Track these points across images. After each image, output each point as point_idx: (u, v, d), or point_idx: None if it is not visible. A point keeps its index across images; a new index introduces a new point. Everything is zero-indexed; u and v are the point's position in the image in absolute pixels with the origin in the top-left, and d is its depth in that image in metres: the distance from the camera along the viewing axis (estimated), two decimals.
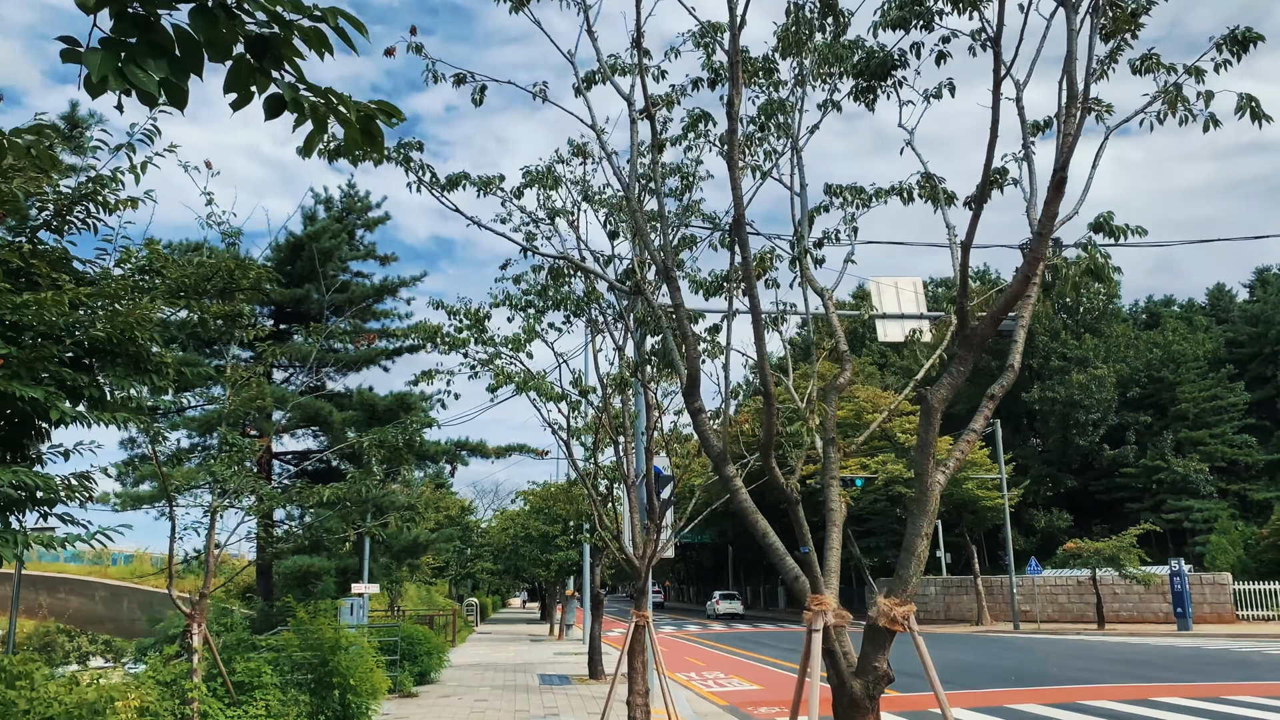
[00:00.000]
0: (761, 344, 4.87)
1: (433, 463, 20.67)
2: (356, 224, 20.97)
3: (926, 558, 4.97)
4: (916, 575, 4.90)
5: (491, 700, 15.55)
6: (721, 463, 5.54)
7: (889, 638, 4.82)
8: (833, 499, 5.53)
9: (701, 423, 5.73)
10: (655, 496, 12.76)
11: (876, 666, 4.78)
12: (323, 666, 10.75)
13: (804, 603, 5.10)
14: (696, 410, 5.74)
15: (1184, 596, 34.24)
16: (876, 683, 4.79)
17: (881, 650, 4.83)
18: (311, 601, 11.52)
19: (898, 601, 4.69)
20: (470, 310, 12.28)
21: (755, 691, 17.34)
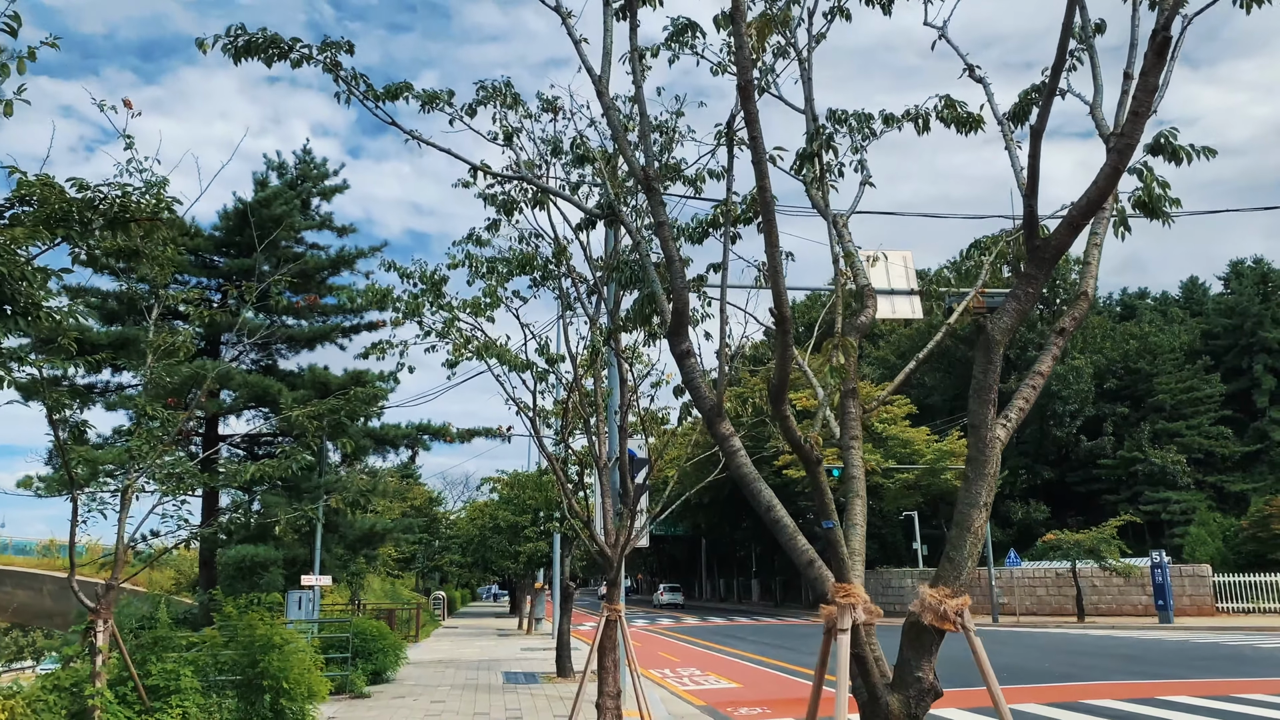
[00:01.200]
0: (775, 250, 3.74)
1: (392, 448, 19.42)
2: (312, 191, 19.54)
3: (984, 536, 3.90)
4: (972, 559, 3.81)
5: (449, 701, 14.37)
6: (716, 418, 4.42)
7: (936, 639, 3.73)
8: (854, 463, 4.43)
9: (690, 369, 4.61)
10: (629, 480, 11.65)
11: (920, 677, 3.69)
12: (252, 668, 9.52)
13: (822, 593, 3.99)
14: (684, 354, 4.62)
15: (1165, 589, 33.67)
16: (920, 698, 3.69)
17: (926, 655, 3.73)
18: (243, 595, 10.28)
19: (948, 592, 3.59)
20: (426, 273, 11.09)
21: (734, 690, 16.28)
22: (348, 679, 15.01)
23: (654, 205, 4.79)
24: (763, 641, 27.95)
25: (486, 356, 10.15)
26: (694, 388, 4.61)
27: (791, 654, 23.18)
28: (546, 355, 10.25)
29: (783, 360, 3.89)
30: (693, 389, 4.62)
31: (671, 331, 4.69)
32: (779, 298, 3.73)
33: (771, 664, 20.67)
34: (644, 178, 4.76)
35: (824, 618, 3.90)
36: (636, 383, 10.31)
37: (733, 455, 4.35)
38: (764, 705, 14.34)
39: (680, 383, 8.26)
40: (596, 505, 14.70)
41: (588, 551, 18.84)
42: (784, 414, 3.96)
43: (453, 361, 12.03)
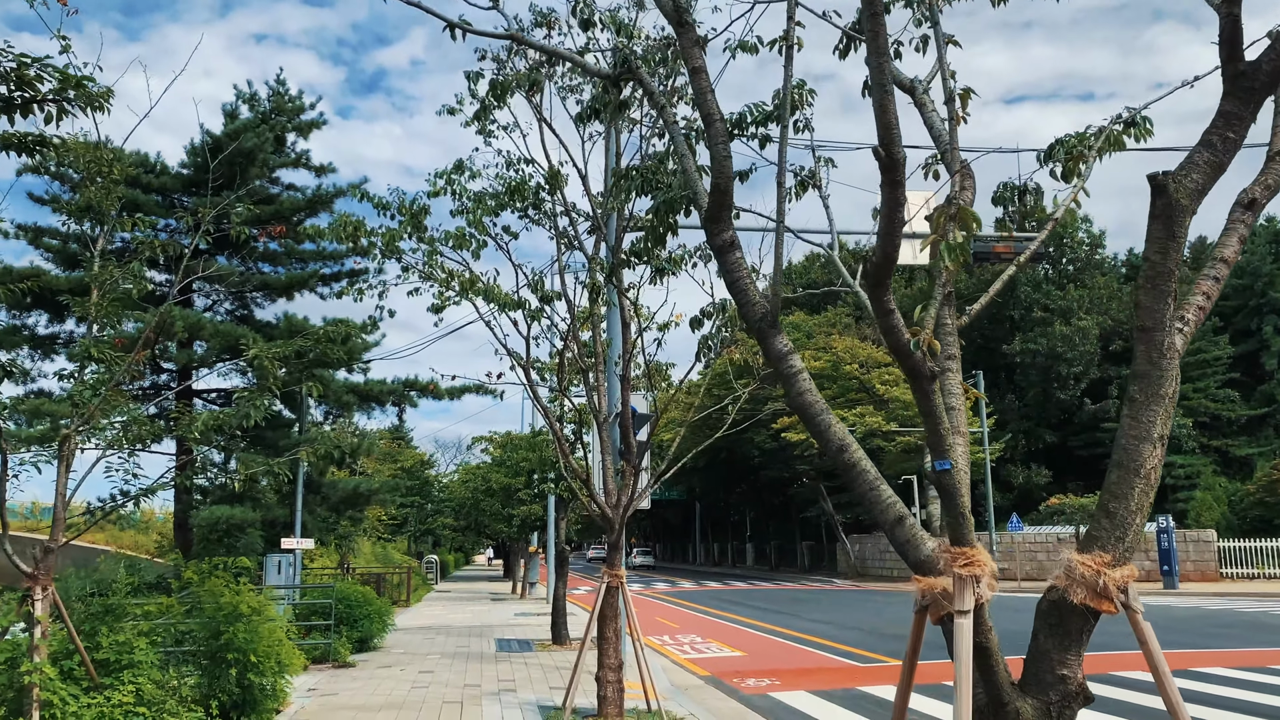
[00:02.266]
0: (883, 61, 2.68)
1: (378, 404, 18.40)
2: (287, 126, 18.29)
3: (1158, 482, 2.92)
4: (1142, 513, 2.84)
5: (438, 671, 13.49)
6: (769, 329, 3.43)
7: (1088, 624, 2.76)
8: (954, 390, 3.46)
9: (735, 265, 3.61)
10: (632, 436, 10.68)
11: (1066, 676, 2.75)
12: (215, 639, 8.57)
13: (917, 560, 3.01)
14: (726, 246, 3.61)
15: (1171, 554, 33.02)
16: (1065, 704, 2.74)
17: (1074, 646, 2.79)
18: (214, 559, 9.31)
19: (1107, 559, 2.62)
20: (405, 204, 10.02)
21: (739, 659, 15.45)
22: (331, 647, 14.14)
23: (686, 48, 3.74)
24: (762, 607, 27.21)
25: (472, 295, 9.11)
26: (740, 290, 3.60)
27: (793, 620, 22.40)
28: (541, 292, 9.19)
29: (892, 222, 2.83)
30: (738, 291, 3.61)
31: (710, 216, 3.67)
32: (887, 130, 2.70)
33: (775, 630, 19.87)
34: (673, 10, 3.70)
35: (920, 592, 2.94)
36: (643, 326, 9.29)
37: (792, 379, 3.36)
38: (771, 675, 13.50)
39: (698, 315, 7.27)
40: (595, 464, 13.75)
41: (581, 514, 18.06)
42: (888, 305, 2.94)
43: (438, 306, 10.99)
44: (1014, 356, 47.09)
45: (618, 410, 12.59)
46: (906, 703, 3.57)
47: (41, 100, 5.23)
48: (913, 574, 3.13)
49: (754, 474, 58.19)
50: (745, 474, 59.78)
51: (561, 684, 12.31)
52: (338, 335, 8.26)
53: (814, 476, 50.85)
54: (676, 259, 8.91)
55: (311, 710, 10.31)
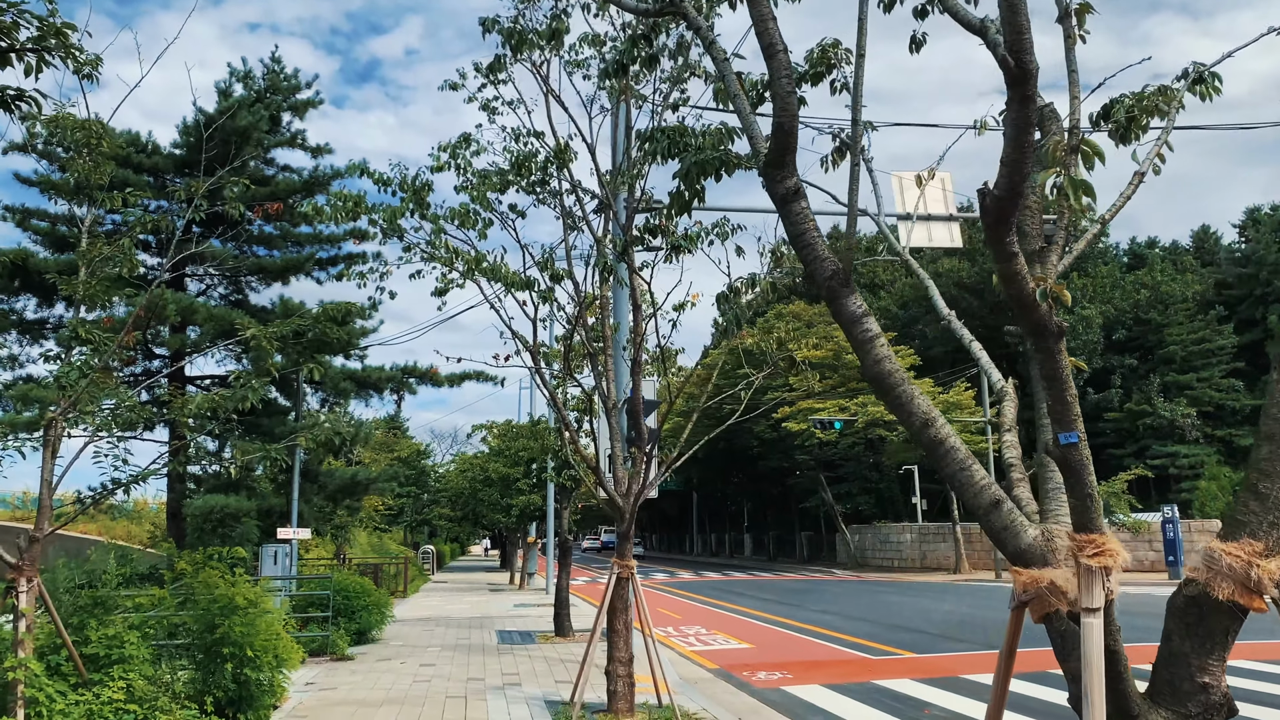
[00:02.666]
0: None
1: (376, 392, 17.98)
2: (282, 105, 17.78)
3: None
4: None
5: (440, 665, 13.12)
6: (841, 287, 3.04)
7: (1233, 623, 2.39)
8: None
9: (800, 215, 3.21)
10: (642, 422, 10.30)
11: (1208, 685, 2.36)
12: (209, 633, 8.18)
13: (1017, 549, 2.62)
14: (790, 194, 3.21)
15: (1176, 544, 32.77)
16: (1206, 716, 2.35)
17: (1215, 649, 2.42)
18: (206, 549, 8.91)
19: (1258, 549, 2.24)
20: (407, 179, 9.60)
21: (747, 652, 15.10)
22: (329, 640, 13.76)
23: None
24: (764, 598, 26.90)
25: (478, 275, 8.71)
26: (806, 244, 3.21)
27: (799, 611, 22.08)
28: (551, 270, 8.78)
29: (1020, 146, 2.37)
30: (804, 246, 3.22)
31: (771, 161, 3.26)
32: (1018, 35, 2.28)
33: (781, 622, 19.54)
34: None
35: (1020, 586, 2.55)
36: (656, 307, 8.89)
37: (867, 346, 2.98)
38: (782, 668, 13.15)
39: (726, 290, 6.87)
40: (603, 451, 13.38)
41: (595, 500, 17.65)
42: (1010, 248, 2.52)
43: (441, 289, 10.60)
44: (1016, 345, 46.74)
45: (627, 395, 12.21)
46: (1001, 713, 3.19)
47: (20, 49, 4.80)
48: (1010, 565, 2.75)
49: (752, 464, 57.87)
50: (744, 464, 59.45)
51: (567, 677, 11.96)
52: (337, 313, 7.86)
53: (814, 466, 50.55)
54: (692, 236, 8.51)
55: (310, 706, 9.94)
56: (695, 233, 8.57)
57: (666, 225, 8.52)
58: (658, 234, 8.57)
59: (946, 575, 39.23)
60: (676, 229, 8.55)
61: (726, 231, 8.59)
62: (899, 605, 23.44)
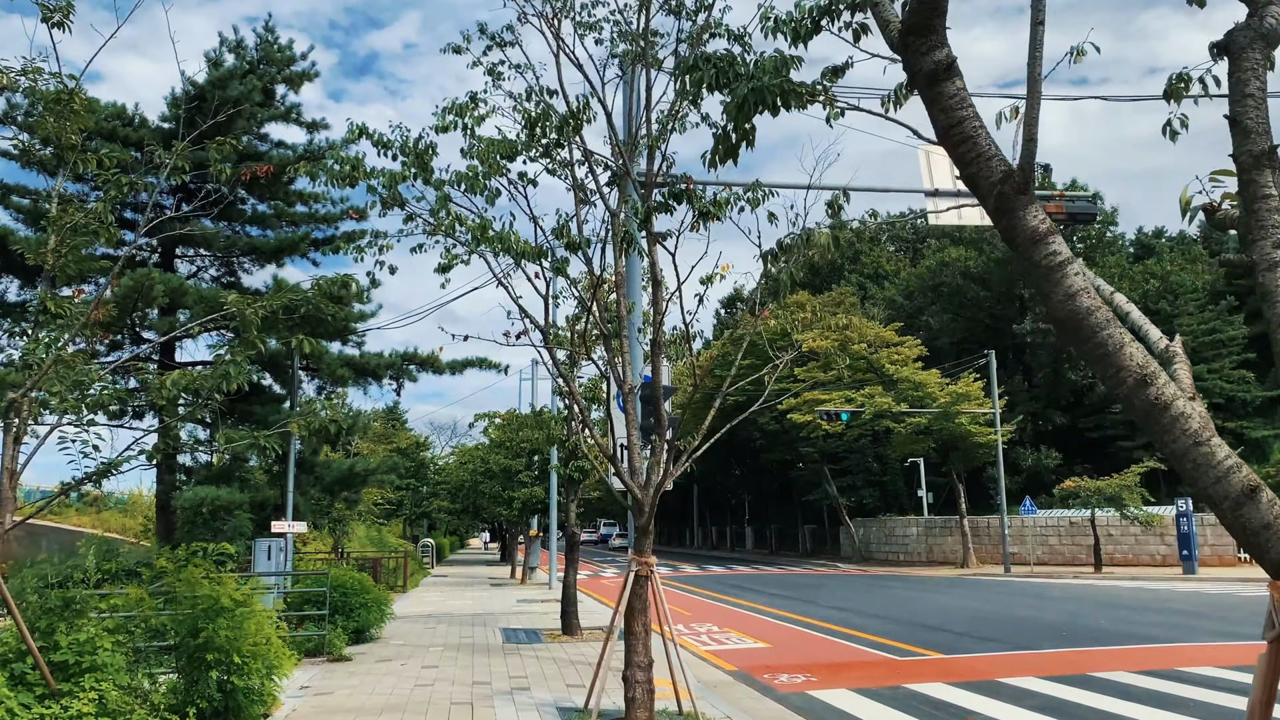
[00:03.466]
0: None
1: (375, 379, 17.22)
2: (276, 77, 16.93)
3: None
4: None
5: (443, 666, 12.39)
6: (1019, 195, 2.29)
7: None
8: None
9: (957, 100, 2.47)
10: (662, 409, 9.57)
11: None
12: (192, 637, 7.43)
13: None
14: (939, 72, 2.45)
15: (1190, 538, 32.12)
16: None
17: None
18: (184, 544, 8.16)
19: None
20: (409, 143, 8.84)
21: (764, 651, 14.39)
22: (325, 639, 13.04)
23: None
24: (772, 593, 26.19)
25: (485, 245, 7.95)
26: (964, 136, 2.48)
27: (811, 607, 21.38)
28: (567, 239, 8.02)
29: None
30: (961, 139, 2.49)
31: (913, 25, 2.50)
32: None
33: (795, 619, 18.83)
34: None
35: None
36: (680, 281, 8.13)
37: (1057, 274, 2.28)
38: (805, 670, 12.44)
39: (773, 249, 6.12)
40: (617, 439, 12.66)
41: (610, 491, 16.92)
42: None
43: (445, 265, 9.85)
44: (1024, 336, 46.05)
45: (643, 380, 11.48)
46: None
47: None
48: (1270, 579, 2.03)
49: (755, 456, 57.20)
50: (745, 456, 58.74)
51: (578, 680, 11.24)
52: (333, 287, 7.11)
53: (817, 459, 49.85)
54: (721, 201, 7.76)
55: (304, 713, 9.21)
56: (724, 198, 7.83)
57: (692, 190, 7.77)
58: (683, 199, 7.82)
59: (954, 569, 38.57)
60: (704, 194, 7.80)
61: (759, 197, 7.84)
62: (914, 601, 22.75)
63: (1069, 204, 13.83)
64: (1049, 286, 2.32)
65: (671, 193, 7.83)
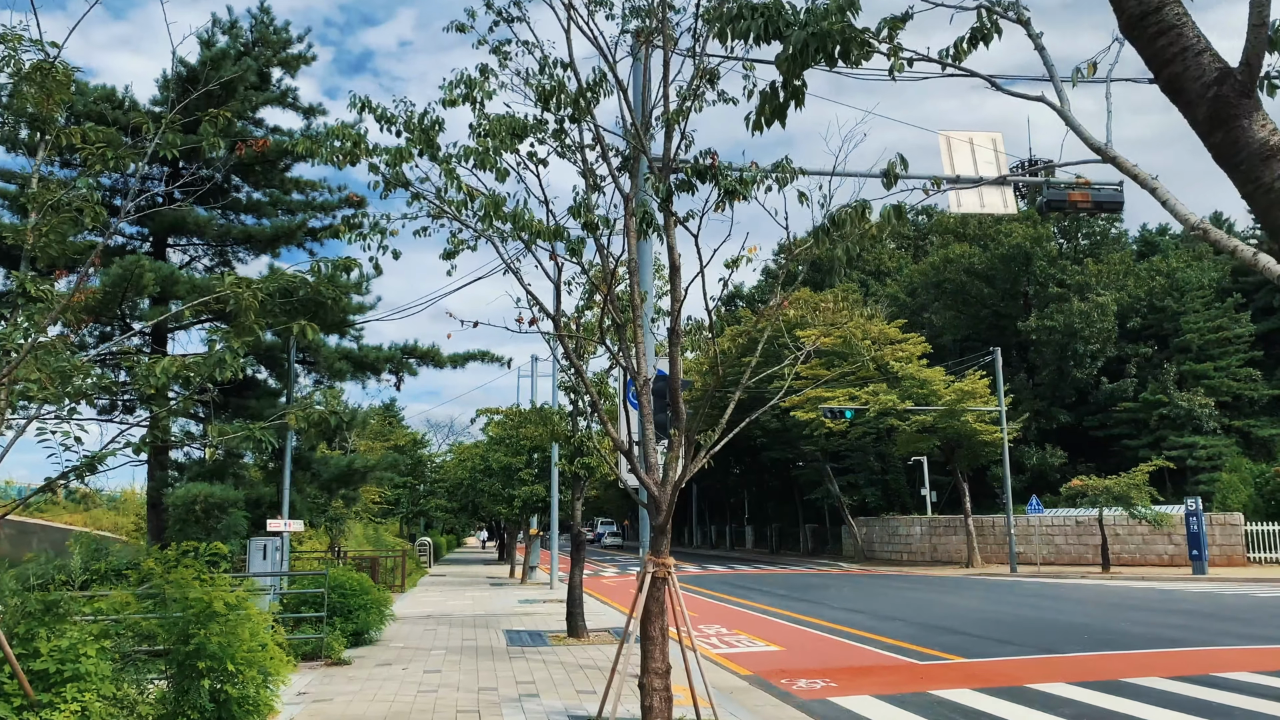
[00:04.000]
0: None
1: (373, 373, 16.72)
2: (271, 60, 16.38)
3: None
4: None
5: (446, 671, 11.90)
6: (1240, 101, 1.80)
7: None
8: None
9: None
10: (679, 400, 9.09)
11: None
12: (182, 644, 6.94)
13: None
14: None
15: (1200, 538, 31.69)
16: None
17: None
18: (175, 544, 7.65)
19: None
20: (414, 118, 8.33)
21: (778, 655, 13.91)
22: (323, 642, 12.55)
23: None
24: (778, 593, 25.71)
25: (498, 223, 7.45)
26: (1163, 26, 1.97)
27: (821, 608, 20.90)
28: (584, 218, 7.51)
29: None
30: (1161, 31, 2.00)
31: None
32: None
33: (805, 620, 18.36)
34: None
35: None
36: (703, 264, 7.63)
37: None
38: (822, 675, 11.97)
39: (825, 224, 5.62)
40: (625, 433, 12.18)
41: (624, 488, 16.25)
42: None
43: (451, 251, 9.37)
44: (1029, 334, 45.59)
45: (659, 373, 11.02)
46: None
47: None
48: None
49: (755, 454, 56.70)
50: (745, 454, 58.22)
51: (589, 686, 10.76)
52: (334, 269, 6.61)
53: (819, 458, 49.40)
54: (748, 179, 7.27)
55: None
56: (751, 176, 7.34)
57: (717, 167, 7.28)
58: (706, 177, 7.33)
59: (958, 569, 38.13)
60: (728, 172, 7.31)
61: (787, 175, 7.35)
62: (925, 602, 22.28)
63: (1095, 192, 13.36)
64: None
65: (695, 169, 7.34)
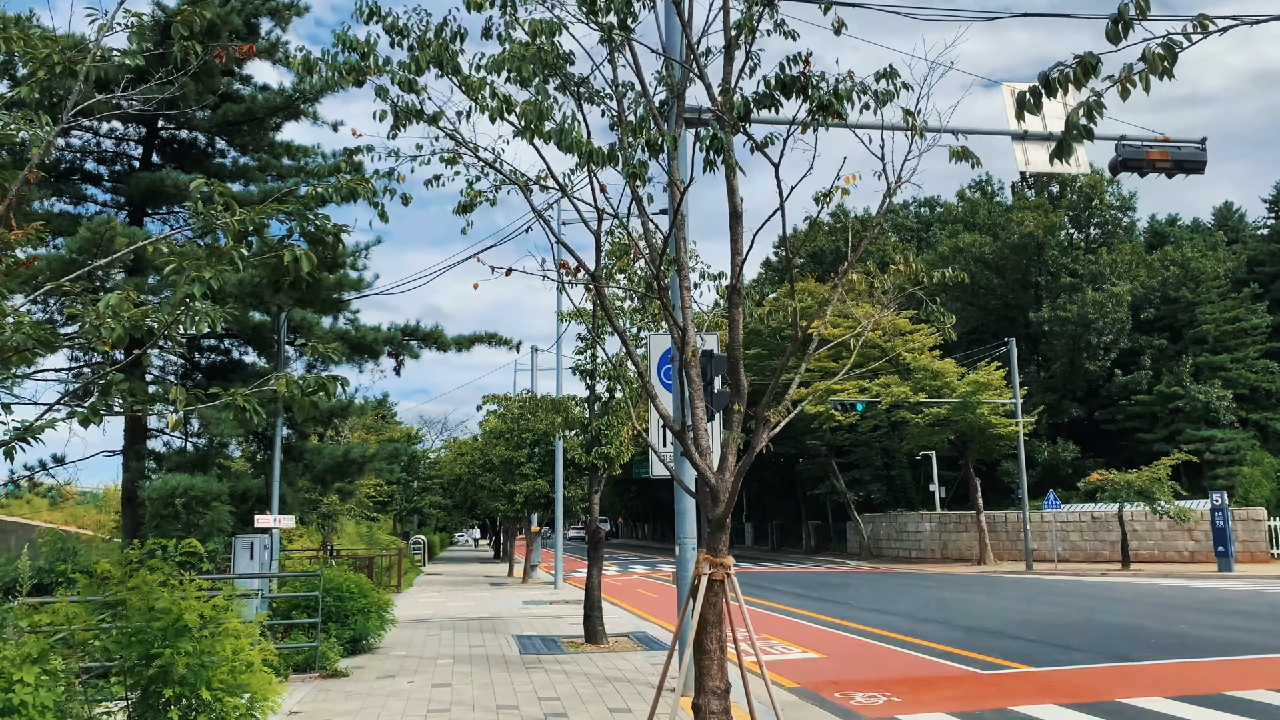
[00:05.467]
0: None
1: (371, 357, 15.34)
2: (259, 9, 14.94)
3: None
4: None
5: (457, 685, 10.52)
6: None
7: None
8: None
9: None
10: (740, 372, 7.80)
11: None
12: (145, 664, 5.56)
13: None
14: None
15: (1226, 534, 30.56)
16: None
17: None
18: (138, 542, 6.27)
19: None
20: (427, 34, 6.96)
21: (822, 664, 12.60)
22: (317, 651, 11.17)
23: None
24: (795, 592, 24.40)
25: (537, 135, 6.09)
26: None
27: (844, 609, 19.60)
28: (646, 136, 6.13)
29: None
30: None
31: None
32: None
33: (834, 623, 17.04)
34: None
35: None
36: (784, 197, 6.26)
37: None
38: (880, 688, 10.65)
39: (1026, 93, 4.31)
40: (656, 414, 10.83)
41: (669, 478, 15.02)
42: None
43: (467, 204, 8.04)
44: (1041, 325, 44.37)
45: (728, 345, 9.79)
46: None
47: None
48: None
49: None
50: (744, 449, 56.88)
51: (621, 703, 9.40)
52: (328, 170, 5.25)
53: (825, 453, 48.16)
54: (843, 93, 5.93)
55: None
56: (847, 89, 5.99)
57: (809, 75, 5.94)
58: (793, 91, 5.98)
59: (970, 566, 36.91)
60: (821, 81, 5.97)
61: (892, 88, 6.02)
62: (955, 602, 21.00)
63: (1175, 150, 12.07)
64: None
65: (779, 81, 5.98)
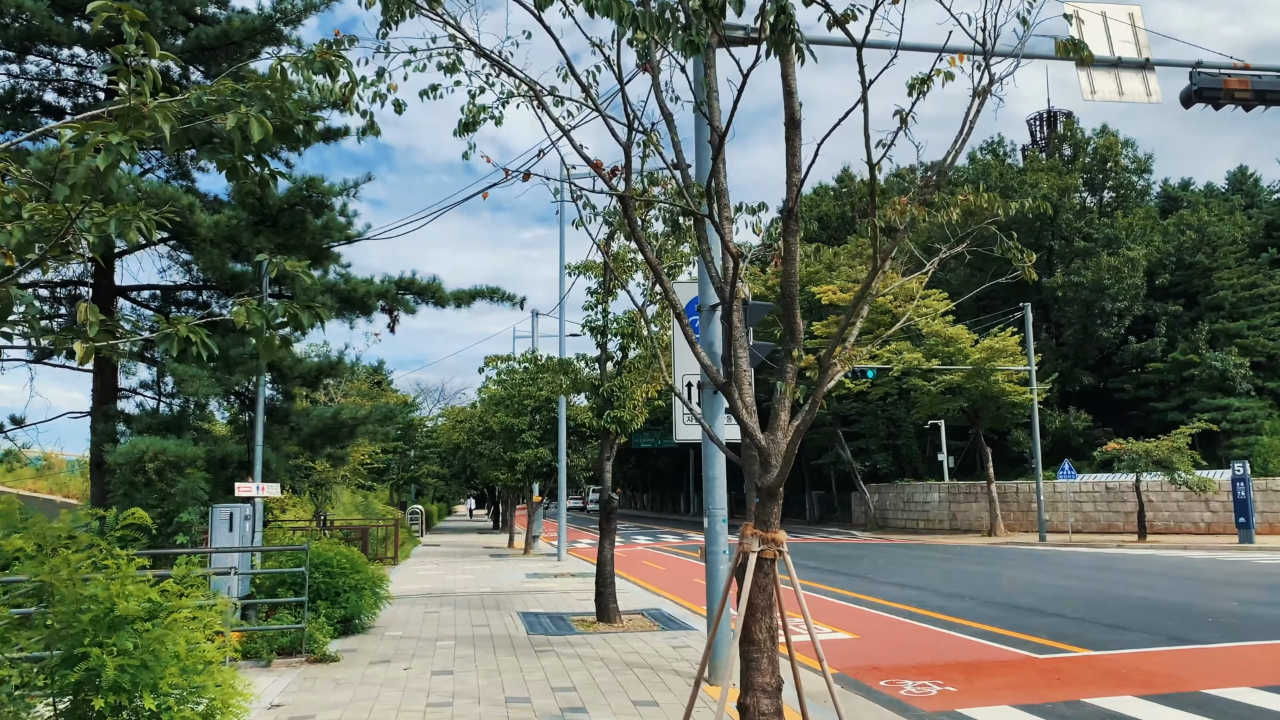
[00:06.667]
0: None
1: (363, 312, 14.15)
2: None
3: None
4: None
5: (459, 671, 9.44)
6: None
7: None
8: None
9: None
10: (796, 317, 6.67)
11: None
12: (67, 667, 4.43)
13: None
14: None
15: (1248, 505, 29.64)
16: None
17: None
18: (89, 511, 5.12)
19: None
20: None
21: (856, 644, 11.57)
22: (304, 633, 10.08)
23: None
24: (807, 565, 23.37)
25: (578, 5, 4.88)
26: None
27: (866, 584, 18.60)
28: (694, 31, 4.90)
29: None
30: None
31: None
32: None
33: (860, 599, 16.02)
34: None
35: None
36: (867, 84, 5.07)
37: None
38: (930, 675, 9.60)
39: None
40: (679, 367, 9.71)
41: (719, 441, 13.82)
42: None
43: (469, 123, 6.88)
44: (1054, 290, 43.20)
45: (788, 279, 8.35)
46: None
47: None
48: None
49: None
50: None
51: (646, 695, 8.32)
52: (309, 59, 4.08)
53: (830, 422, 47.13)
54: None
55: None
56: None
57: None
58: None
59: (981, 538, 36.00)
60: None
61: None
62: (979, 576, 20.01)
63: (1256, 79, 10.85)
64: None
65: None
